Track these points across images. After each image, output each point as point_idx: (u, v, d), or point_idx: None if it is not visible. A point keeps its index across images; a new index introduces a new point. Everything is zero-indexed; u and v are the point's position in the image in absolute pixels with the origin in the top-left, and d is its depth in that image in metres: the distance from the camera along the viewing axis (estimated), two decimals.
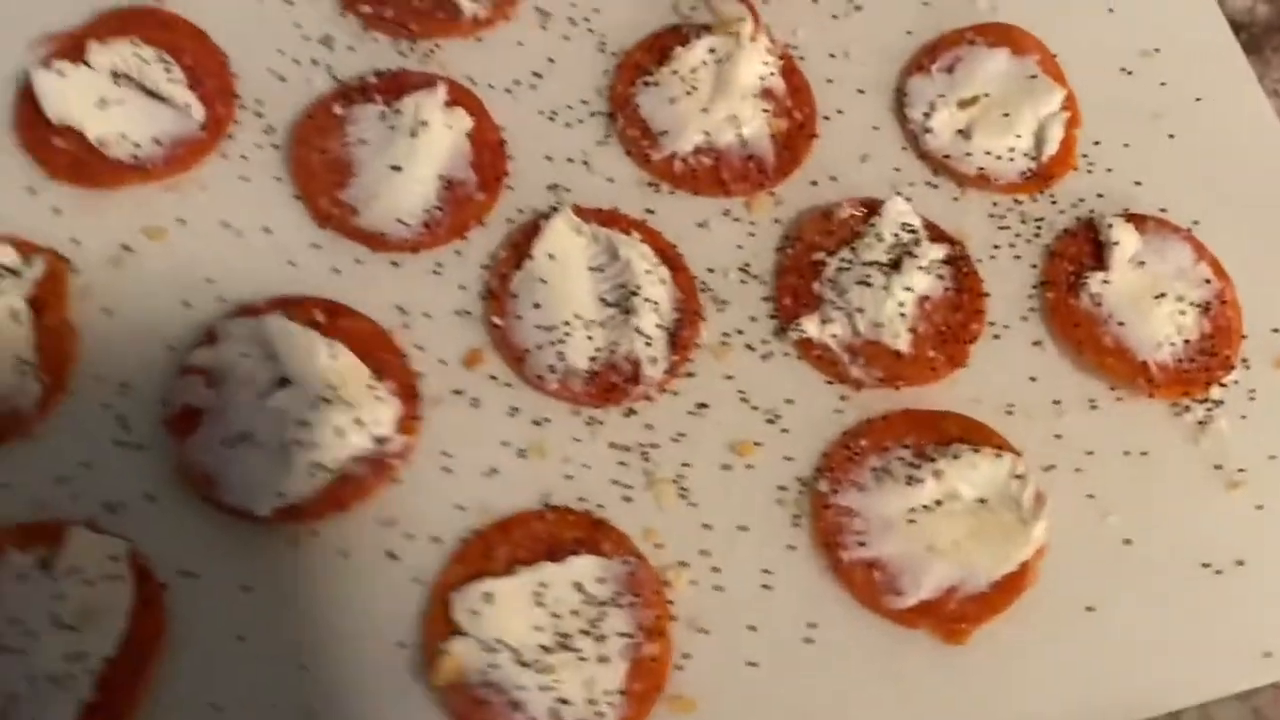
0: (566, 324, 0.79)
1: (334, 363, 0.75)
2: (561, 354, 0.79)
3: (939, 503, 0.77)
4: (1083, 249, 0.87)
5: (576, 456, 0.77)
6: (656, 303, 0.80)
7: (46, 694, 0.66)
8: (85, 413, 0.75)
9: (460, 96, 0.86)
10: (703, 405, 0.80)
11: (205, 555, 0.72)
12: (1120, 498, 0.80)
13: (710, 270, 0.84)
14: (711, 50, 0.89)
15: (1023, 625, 0.75)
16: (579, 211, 0.83)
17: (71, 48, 0.84)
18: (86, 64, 0.83)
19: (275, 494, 0.71)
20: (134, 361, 0.76)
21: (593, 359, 0.79)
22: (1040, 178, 0.90)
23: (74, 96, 0.82)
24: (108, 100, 0.82)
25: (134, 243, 0.80)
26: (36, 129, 0.82)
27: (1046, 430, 0.82)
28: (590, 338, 0.79)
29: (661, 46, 0.91)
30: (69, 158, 0.81)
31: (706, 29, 0.90)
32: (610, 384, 0.79)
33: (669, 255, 0.83)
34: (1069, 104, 0.92)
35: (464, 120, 0.85)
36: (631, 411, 0.79)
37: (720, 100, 0.87)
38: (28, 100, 0.82)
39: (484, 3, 0.90)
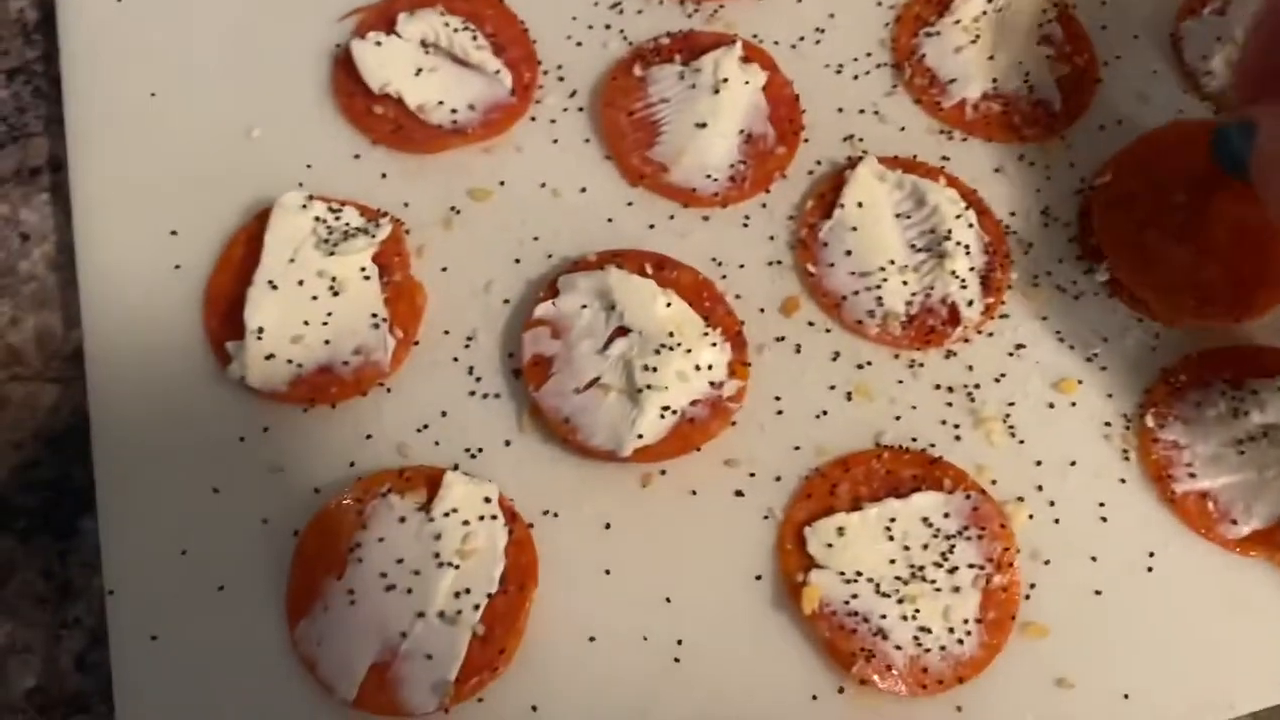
0: (881, 270, 0.81)
1: (670, 311, 0.78)
2: (879, 299, 0.81)
3: (1265, 433, 0.77)
4: None
5: (902, 398, 0.79)
6: (967, 246, 0.82)
7: (437, 629, 0.69)
8: (437, 364, 0.78)
9: (752, 53, 0.88)
10: (1020, 346, 0.81)
11: (564, 496, 0.75)
12: None
13: (1012, 214, 0.85)
14: (989, 0, 0.91)
15: None
16: (880, 160, 0.85)
17: (380, 19, 0.87)
18: (398, 34, 0.86)
19: (635, 435, 0.74)
20: (475, 315, 0.80)
21: (909, 303, 0.81)
22: None
23: (391, 66, 0.85)
24: (422, 68, 0.85)
25: (460, 204, 0.83)
26: (355, 98, 0.85)
27: None
28: (905, 282, 0.81)
29: None
30: (390, 124, 0.84)
31: None
32: (929, 327, 0.81)
33: (972, 200, 0.85)
34: None
35: (759, 75, 0.87)
36: (951, 353, 0.81)
37: (1003, 47, 0.89)
38: (344, 71, 0.85)
39: None
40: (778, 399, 0.79)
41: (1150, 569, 0.76)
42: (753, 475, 0.76)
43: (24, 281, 0.81)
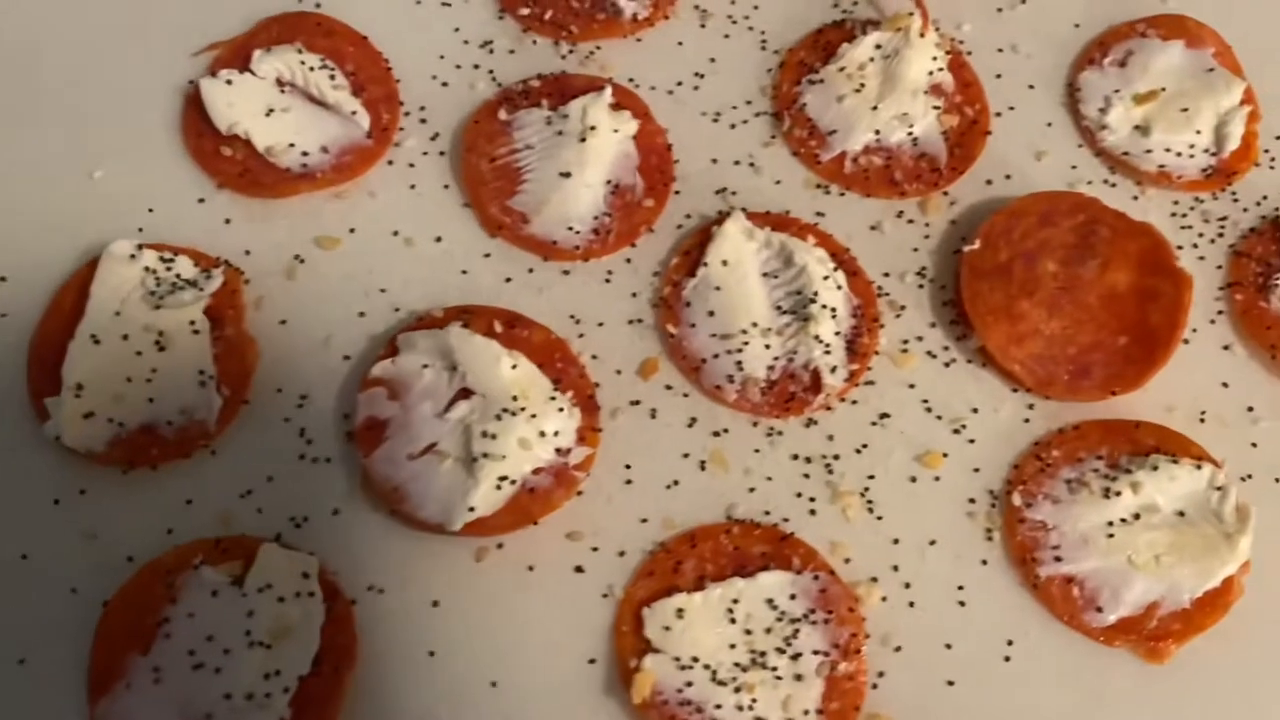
0: (744, 332, 0.78)
1: (515, 373, 0.74)
2: (739, 363, 0.77)
3: (1137, 516, 0.74)
4: (1269, 248, 0.84)
5: (758, 468, 0.76)
6: (834, 309, 0.78)
7: (244, 711, 0.66)
8: (267, 426, 0.74)
9: (625, 99, 0.85)
10: (885, 415, 0.78)
11: (392, 570, 0.71)
12: None
13: (886, 274, 0.82)
14: (878, 46, 0.87)
15: (1228, 643, 0.72)
16: (750, 215, 0.81)
17: (235, 56, 0.84)
18: (252, 72, 0.82)
19: (466, 508, 0.70)
20: (313, 373, 0.76)
21: (770, 368, 0.77)
22: (1222, 174, 0.86)
23: (241, 105, 0.81)
24: (274, 108, 0.81)
25: (306, 252, 0.79)
26: (204, 139, 0.81)
27: (1242, 438, 0.79)
28: (768, 346, 0.77)
29: (825, 44, 0.88)
30: (237, 167, 0.81)
31: (872, 24, 0.88)
32: (789, 394, 0.77)
33: (843, 259, 0.81)
34: (1248, 97, 0.88)
35: (630, 124, 0.83)
36: (812, 422, 0.77)
37: (889, 97, 0.85)
38: (194, 110, 0.82)
39: (643, 1, 0.88)
40: (628, 467, 0.75)
41: (1008, 658, 0.72)
42: (595, 549, 0.73)
43: None
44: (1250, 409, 0.80)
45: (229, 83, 0.82)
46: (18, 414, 0.73)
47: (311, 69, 0.83)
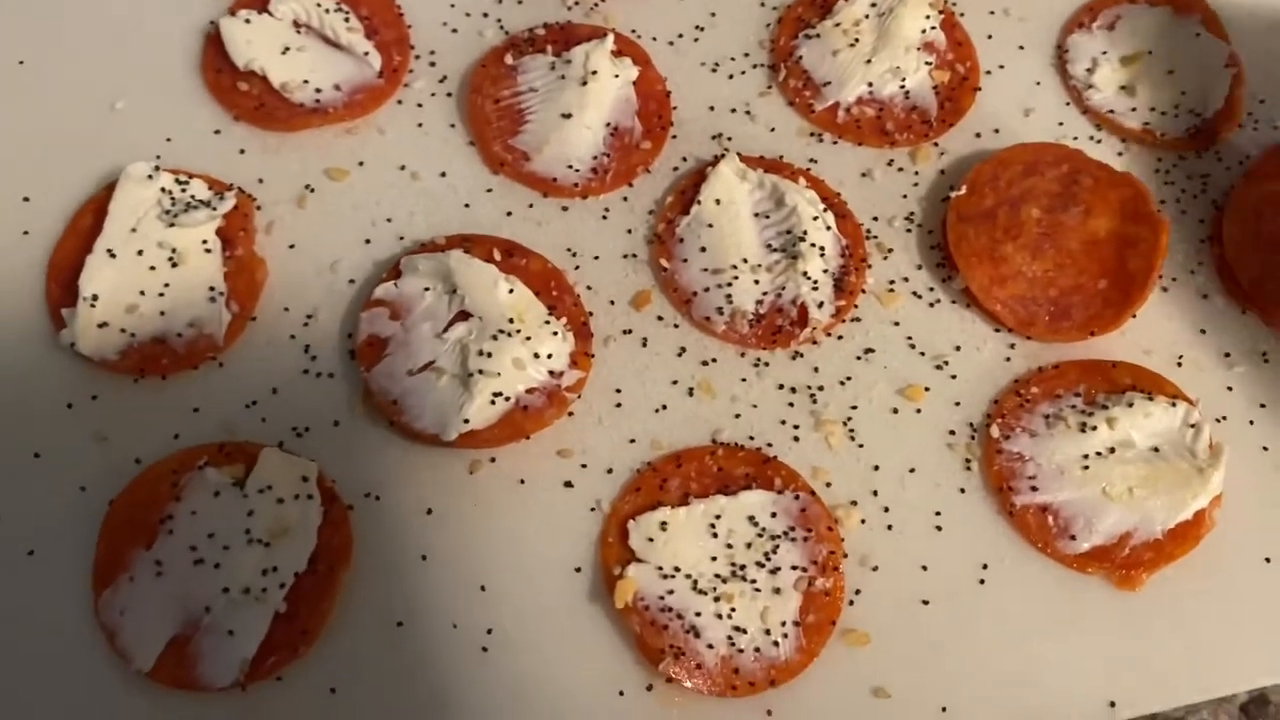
0: (734, 268, 0.80)
1: (512, 297, 0.77)
2: (729, 296, 0.80)
3: (1112, 450, 0.76)
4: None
5: (744, 396, 0.78)
6: (822, 248, 0.81)
7: (241, 605, 0.68)
8: (272, 341, 0.77)
9: (626, 47, 0.88)
10: (869, 350, 0.80)
11: (388, 479, 0.74)
12: None
13: (875, 218, 0.84)
14: (873, 4, 0.90)
15: (1197, 574, 0.74)
16: (744, 159, 0.84)
17: None
18: (270, 13, 0.86)
19: (461, 420, 0.73)
20: (318, 294, 0.79)
21: (759, 302, 0.80)
22: (1206, 135, 0.89)
23: (259, 43, 0.85)
24: (290, 47, 0.85)
25: (316, 182, 0.83)
26: (223, 74, 0.85)
27: (1217, 382, 0.81)
28: (757, 281, 0.80)
29: (822, 1, 0.92)
30: (253, 101, 0.84)
31: None
32: (776, 327, 0.80)
33: (834, 203, 0.84)
34: (1233, 61, 0.91)
35: (631, 70, 0.86)
36: (798, 354, 0.80)
37: (883, 52, 0.88)
38: (214, 47, 0.85)
39: None
40: (618, 391, 0.78)
41: (982, 581, 0.74)
42: (584, 466, 0.75)
43: None
44: (1226, 354, 0.82)
45: (248, 22, 0.85)
46: (36, 323, 0.76)
47: (327, 11, 0.86)
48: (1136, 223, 0.82)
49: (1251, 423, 0.80)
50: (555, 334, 0.77)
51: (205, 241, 0.78)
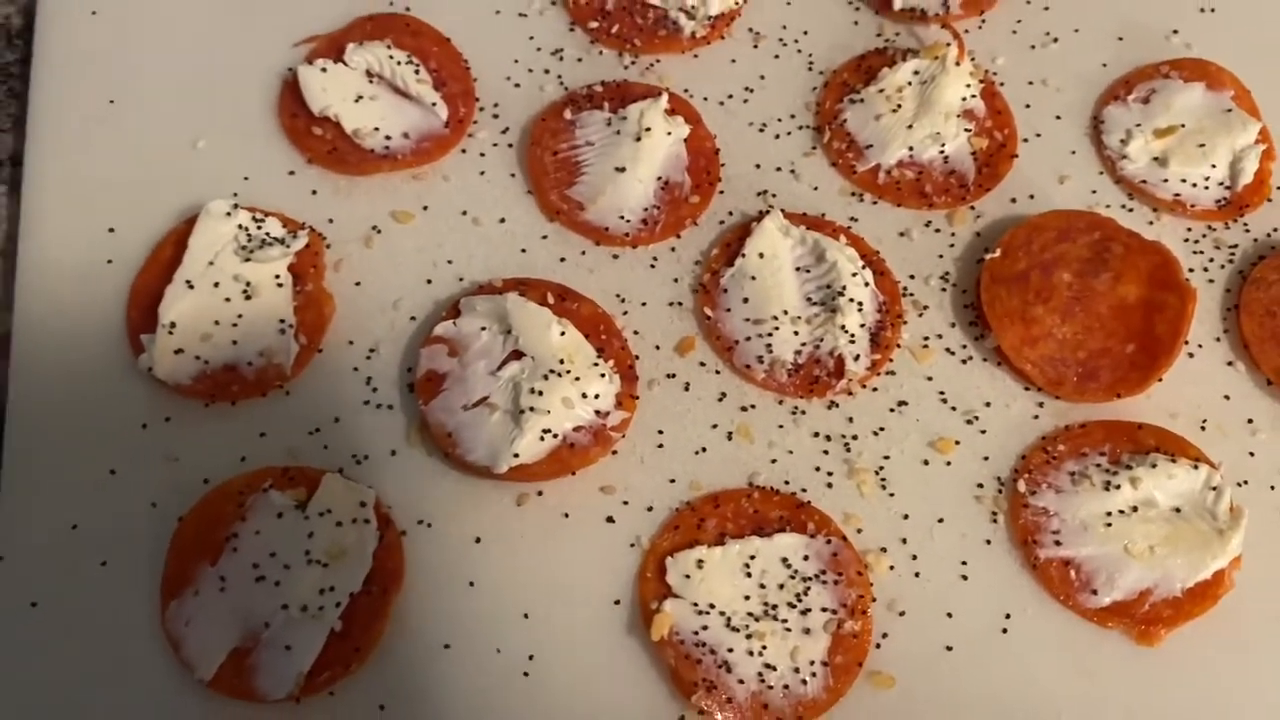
0: (774, 319, 0.84)
1: (563, 340, 0.81)
2: (769, 346, 0.83)
3: (1135, 509, 0.79)
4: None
5: (781, 442, 0.82)
6: (860, 303, 0.84)
7: (299, 621, 0.72)
8: (337, 373, 0.82)
9: (679, 106, 0.93)
10: (902, 403, 0.84)
11: (440, 507, 0.78)
12: None
13: (911, 277, 0.88)
14: (916, 72, 0.94)
15: (1216, 632, 0.77)
16: (787, 215, 0.88)
17: (330, 48, 0.93)
18: (344, 63, 0.91)
19: (511, 454, 0.77)
20: (381, 329, 0.83)
21: (798, 353, 0.84)
22: (1234, 206, 0.92)
23: (334, 91, 0.90)
24: (363, 96, 0.90)
25: (383, 224, 0.87)
26: (298, 119, 0.90)
27: (1240, 447, 0.83)
28: (796, 333, 0.84)
29: (868, 67, 0.96)
30: (327, 145, 0.89)
31: (912, 53, 0.95)
32: (814, 377, 0.83)
33: (872, 260, 0.87)
34: (1263, 137, 0.94)
35: (682, 128, 0.91)
36: (833, 404, 0.83)
37: (924, 118, 0.92)
38: (291, 93, 0.91)
39: (702, 22, 0.96)
40: (660, 432, 0.82)
41: (1005, 630, 0.77)
42: (626, 503, 0.79)
43: None
44: (1250, 420, 0.84)
45: (324, 70, 0.91)
46: (117, 348, 0.81)
47: (399, 63, 0.91)
48: (1165, 290, 0.85)
49: (1273, 488, 0.82)
50: (603, 375, 0.81)
51: (278, 276, 0.83)
